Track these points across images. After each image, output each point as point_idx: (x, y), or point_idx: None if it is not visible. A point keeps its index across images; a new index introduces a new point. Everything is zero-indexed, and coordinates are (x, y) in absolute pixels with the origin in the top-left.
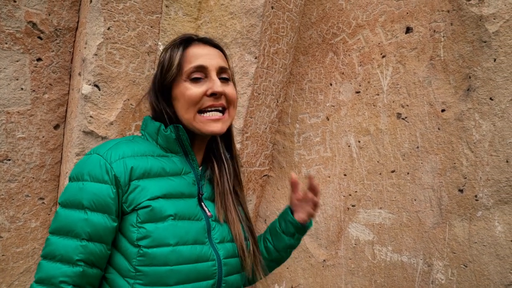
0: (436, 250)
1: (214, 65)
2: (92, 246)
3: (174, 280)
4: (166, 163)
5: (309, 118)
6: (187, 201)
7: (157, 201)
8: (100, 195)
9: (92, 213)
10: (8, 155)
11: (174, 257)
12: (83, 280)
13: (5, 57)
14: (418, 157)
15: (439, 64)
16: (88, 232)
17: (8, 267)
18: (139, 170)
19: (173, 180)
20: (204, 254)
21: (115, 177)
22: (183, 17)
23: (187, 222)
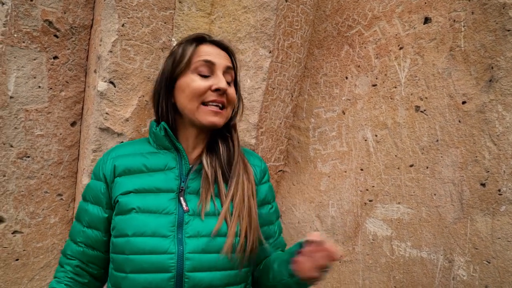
0: (457, 245)
1: (222, 64)
2: (89, 231)
3: (129, 269)
4: (150, 160)
5: (324, 112)
6: (160, 195)
7: (127, 196)
8: (96, 190)
9: (91, 205)
10: (27, 152)
11: (129, 247)
12: (83, 257)
13: (22, 56)
14: (437, 150)
15: (459, 55)
16: (87, 220)
17: (29, 262)
18: (121, 168)
19: (152, 175)
20: (162, 246)
21: (104, 175)
22: (197, 13)
23: (150, 216)
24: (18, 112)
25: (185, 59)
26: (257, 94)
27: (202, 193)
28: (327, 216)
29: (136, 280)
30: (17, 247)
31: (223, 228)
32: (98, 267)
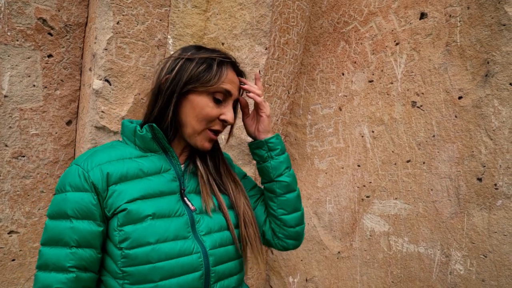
0: (454, 240)
1: (235, 95)
2: (81, 251)
3: (159, 277)
4: (144, 164)
5: (321, 109)
6: (167, 198)
7: (134, 203)
8: (82, 202)
9: (77, 221)
10: (22, 152)
11: (156, 255)
12: (78, 284)
13: (16, 54)
14: (434, 146)
15: (455, 50)
16: (76, 239)
17: (26, 262)
18: (115, 175)
19: (151, 179)
20: (187, 248)
21: (93, 185)
22: (192, 9)
23: (166, 220)
24: (12, 111)
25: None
26: None
27: (203, 192)
28: (325, 213)
29: (168, 286)
30: (13, 247)
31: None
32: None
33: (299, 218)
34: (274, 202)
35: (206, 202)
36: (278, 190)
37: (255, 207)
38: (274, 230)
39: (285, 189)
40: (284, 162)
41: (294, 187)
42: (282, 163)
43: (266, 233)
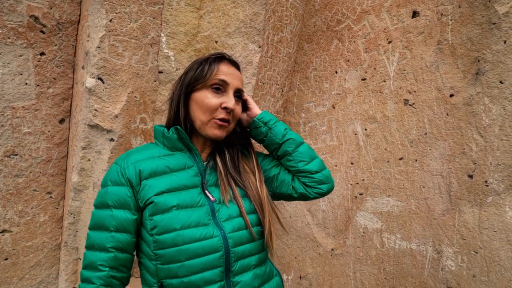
0: (446, 237)
1: (234, 85)
2: (119, 235)
3: (184, 257)
4: (170, 161)
5: (314, 107)
6: (190, 191)
7: (161, 196)
8: (120, 195)
9: (116, 210)
10: (15, 150)
11: (181, 239)
12: (116, 263)
13: (8, 52)
14: (426, 143)
15: (447, 48)
16: (115, 225)
17: (19, 261)
18: (146, 171)
19: (176, 175)
20: (208, 232)
21: (128, 180)
22: (185, 7)
23: (189, 210)
24: (4, 109)
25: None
26: (247, 89)
27: (221, 185)
28: (318, 210)
29: (193, 264)
30: (6, 246)
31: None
32: (127, 269)
33: (320, 163)
34: (291, 160)
35: (224, 194)
36: (289, 148)
37: (279, 172)
38: (303, 182)
39: (294, 144)
40: (282, 126)
41: (301, 140)
42: (280, 127)
43: (298, 188)
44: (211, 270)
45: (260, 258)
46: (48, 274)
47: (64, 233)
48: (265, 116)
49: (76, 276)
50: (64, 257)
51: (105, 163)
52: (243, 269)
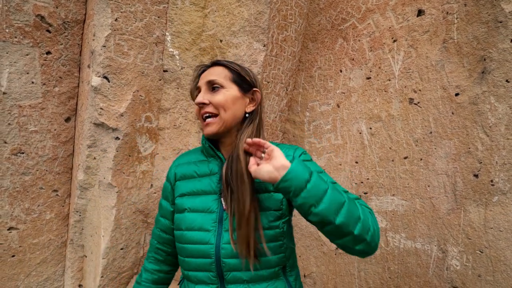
0: (451, 236)
1: (204, 83)
2: (162, 220)
3: (185, 254)
4: (200, 167)
5: (319, 105)
6: (205, 197)
7: (181, 198)
8: (165, 189)
9: (162, 200)
10: (21, 148)
11: (183, 238)
12: (160, 239)
13: (15, 51)
14: (431, 142)
15: (452, 47)
16: (161, 211)
17: (26, 258)
18: (179, 174)
19: (201, 180)
20: (204, 238)
21: (170, 178)
22: (190, 6)
23: (197, 214)
24: (11, 108)
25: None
26: None
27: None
28: None
29: (190, 263)
30: (13, 243)
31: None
32: (170, 246)
33: (352, 240)
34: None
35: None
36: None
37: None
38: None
39: (320, 225)
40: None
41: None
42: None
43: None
44: (203, 272)
45: (256, 276)
46: (54, 271)
47: (70, 231)
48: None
49: (81, 273)
50: (70, 255)
51: (111, 161)
52: (236, 281)
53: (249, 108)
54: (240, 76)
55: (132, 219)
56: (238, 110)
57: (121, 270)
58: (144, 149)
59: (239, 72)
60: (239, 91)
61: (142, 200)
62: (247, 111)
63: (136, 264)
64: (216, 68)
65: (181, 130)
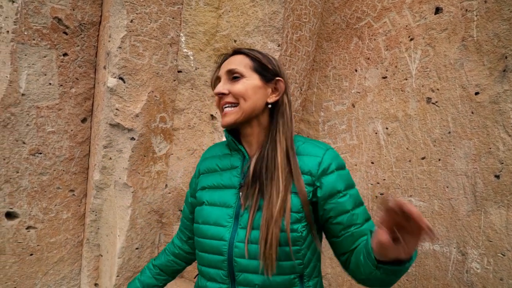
0: (471, 238)
1: (223, 72)
2: (185, 207)
3: (199, 248)
4: (223, 161)
5: (334, 105)
6: (224, 191)
7: (202, 191)
8: (192, 181)
9: (188, 191)
10: (39, 149)
11: (198, 232)
12: (182, 225)
13: (33, 53)
14: (450, 142)
15: (472, 45)
16: (186, 200)
17: (43, 257)
18: (203, 168)
19: (222, 174)
20: (218, 234)
21: (196, 172)
22: (204, 7)
23: (214, 208)
24: (29, 109)
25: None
26: None
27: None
28: None
29: (203, 258)
30: (31, 242)
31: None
32: (190, 232)
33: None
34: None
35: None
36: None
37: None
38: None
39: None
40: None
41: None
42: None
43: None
44: (214, 269)
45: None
46: (71, 270)
47: (86, 230)
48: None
49: (97, 272)
50: (86, 254)
51: (126, 161)
52: (247, 284)
53: (272, 98)
54: (261, 65)
55: (147, 219)
56: (259, 100)
57: (136, 269)
58: (158, 149)
59: (260, 60)
60: (260, 80)
61: (156, 200)
62: (269, 102)
63: None
64: (237, 56)
65: (195, 130)
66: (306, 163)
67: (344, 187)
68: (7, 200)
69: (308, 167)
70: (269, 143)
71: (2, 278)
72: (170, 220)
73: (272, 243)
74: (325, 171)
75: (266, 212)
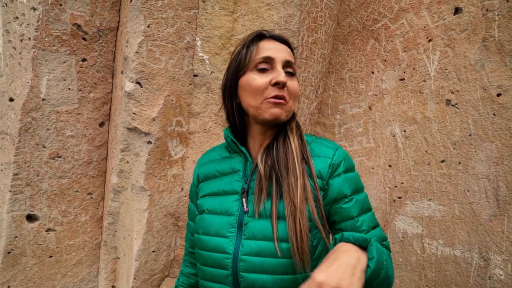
0: (494, 243)
1: (281, 58)
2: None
3: (200, 261)
4: (222, 165)
5: (350, 108)
6: (225, 197)
7: (202, 199)
8: (191, 191)
9: (190, 203)
10: (59, 153)
11: (199, 243)
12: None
13: (53, 59)
14: (471, 145)
15: (493, 45)
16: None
17: (62, 259)
18: (202, 175)
19: (222, 179)
20: (221, 246)
21: (193, 180)
22: (220, 11)
23: (215, 217)
24: (50, 113)
25: (246, 59)
26: None
27: (256, 193)
28: None
29: (205, 272)
30: (50, 244)
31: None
32: None
33: None
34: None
35: (256, 206)
36: None
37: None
38: None
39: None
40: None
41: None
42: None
43: None
44: (218, 284)
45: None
46: (89, 272)
47: (104, 233)
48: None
49: (114, 274)
50: (104, 256)
51: (143, 165)
52: None
53: None
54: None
55: (163, 222)
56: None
57: (153, 272)
58: (175, 153)
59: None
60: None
61: (173, 204)
62: None
63: (167, 267)
64: (286, 47)
65: (211, 134)
66: (315, 165)
67: (351, 191)
68: (28, 203)
69: (318, 169)
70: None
71: (23, 279)
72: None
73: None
74: (333, 172)
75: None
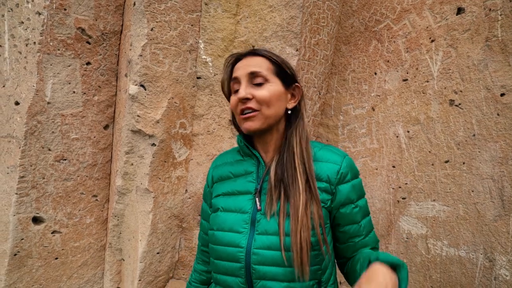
0: (499, 244)
1: (244, 74)
2: (204, 222)
3: (214, 256)
4: (236, 167)
5: (353, 109)
6: (239, 197)
7: (217, 198)
8: (205, 192)
9: (204, 203)
10: (64, 155)
11: (213, 239)
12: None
13: (58, 63)
14: (475, 145)
15: (496, 45)
16: (203, 214)
17: (68, 261)
18: (216, 176)
19: (236, 180)
20: (234, 240)
21: (208, 181)
22: (222, 14)
23: (229, 214)
24: (55, 117)
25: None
26: None
27: (268, 195)
28: None
29: (218, 265)
30: (56, 246)
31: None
32: None
33: None
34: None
35: (268, 206)
36: None
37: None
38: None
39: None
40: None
41: None
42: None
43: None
44: (231, 277)
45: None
46: (94, 274)
47: (109, 235)
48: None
49: (119, 276)
50: (109, 258)
51: (147, 167)
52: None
53: (291, 104)
54: (282, 69)
55: (167, 224)
56: (281, 106)
57: (157, 274)
58: (178, 155)
59: (280, 65)
60: (282, 85)
61: (177, 205)
62: (288, 108)
63: (171, 268)
64: (256, 58)
65: (215, 136)
66: (324, 170)
67: (357, 197)
68: (34, 205)
69: (326, 174)
70: (286, 147)
71: (29, 281)
72: (190, 225)
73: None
74: (342, 179)
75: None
